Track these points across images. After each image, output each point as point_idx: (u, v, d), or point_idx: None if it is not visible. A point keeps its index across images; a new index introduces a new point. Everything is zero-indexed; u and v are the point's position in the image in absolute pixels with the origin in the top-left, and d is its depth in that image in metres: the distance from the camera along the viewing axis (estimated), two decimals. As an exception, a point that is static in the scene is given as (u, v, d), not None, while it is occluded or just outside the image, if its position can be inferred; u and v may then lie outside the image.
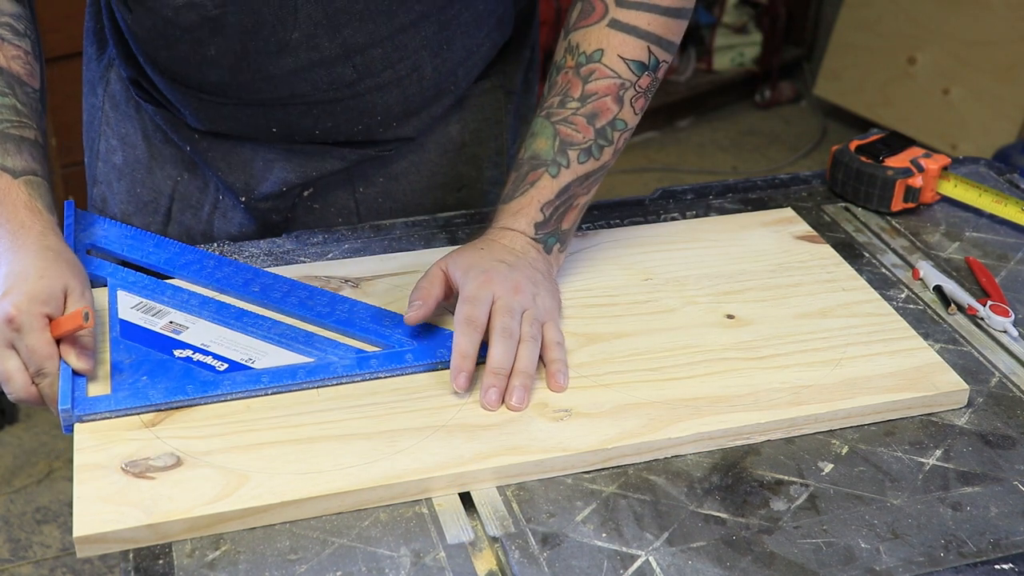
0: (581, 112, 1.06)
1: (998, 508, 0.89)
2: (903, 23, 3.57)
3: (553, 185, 1.06)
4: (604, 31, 1.06)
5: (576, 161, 1.06)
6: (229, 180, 1.23)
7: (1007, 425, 0.98)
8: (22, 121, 1.03)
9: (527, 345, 0.97)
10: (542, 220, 1.06)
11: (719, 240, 1.21)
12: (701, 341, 1.05)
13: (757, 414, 0.95)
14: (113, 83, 1.26)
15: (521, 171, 1.07)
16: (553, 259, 1.08)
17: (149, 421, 0.92)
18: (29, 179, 1.01)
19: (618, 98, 1.07)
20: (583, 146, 1.06)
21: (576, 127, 1.06)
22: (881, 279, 1.17)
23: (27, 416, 2.52)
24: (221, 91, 1.15)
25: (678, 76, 3.97)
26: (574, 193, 1.07)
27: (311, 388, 0.96)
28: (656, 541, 0.85)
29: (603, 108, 1.06)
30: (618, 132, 1.08)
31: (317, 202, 1.26)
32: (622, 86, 1.06)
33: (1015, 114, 3.32)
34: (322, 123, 1.17)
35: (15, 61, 1.05)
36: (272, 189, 1.22)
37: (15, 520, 2.26)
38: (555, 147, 1.06)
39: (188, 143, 1.22)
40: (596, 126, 1.06)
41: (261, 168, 1.22)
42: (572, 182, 1.06)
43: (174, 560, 0.82)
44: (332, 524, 0.86)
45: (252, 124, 1.18)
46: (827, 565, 0.83)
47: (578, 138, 1.06)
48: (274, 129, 1.18)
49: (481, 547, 0.84)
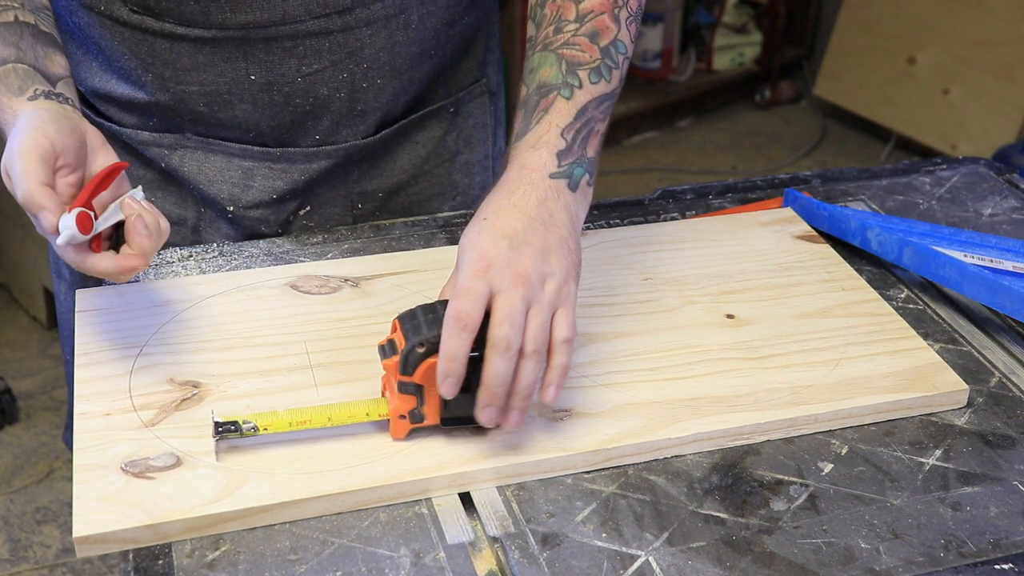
0: (581, 32, 0.98)
1: (998, 508, 0.89)
2: (903, 23, 3.57)
3: (569, 107, 0.95)
4: None
5: (588, 81, 0.97)
6: (211, 192, 1.17)
7: (1007, 425, 0.98)
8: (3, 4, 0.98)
9: (529, 362, 0.85)
10: (564, 147, 0.94)
11: (719, 240, 1.21)
12: (701, 341, 1.05)
13: (757, 414, 0.95)
14: None
15: (530, 104, 0.97)
16: (580, 195, 0.94)
17: (149, 421, 0.92)
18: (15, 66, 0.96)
19: (615, 16, 0.99)
20: (592, 65, 0.97)
21: (580, 47, 0.97)
22: (881, 279, 1.17)
23: (27, 416, 2.52)
24: (203, 15, 1.06)
25: (678, 76, 3.97)
26: (592, 116, 0.96)
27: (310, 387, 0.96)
28: (656, 541, 0.85)
29: (603, 26, 0.99)
30: (621, 55, 0.99)
31: (312, 220, 1.22)
32: (615, 3, 1.00)
33: (1015, 114, 3.32)
34: (307, 66, 1.10)
35: None
36: (261, 197, 1.18)
37: (15, 520, 2.26)
38: (563, 70, 0.97)
39: (159, 159, 1.17)
40: (600, 45, 0.98)
41: (241, 176, 1.17)
42: (588, 103, 0.96)
43: (174, 560, 0.82)
44: (332, 524, 0.86)
45: (227, 73, 1.10)
46: (827, 565, 0.83)
47: (585, 58, 0.97)
48: (252, 76, 1.10)
49: (481, 547, 0.84)
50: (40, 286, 2.74)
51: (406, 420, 0.90)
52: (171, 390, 0.95)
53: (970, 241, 1.19)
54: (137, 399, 0.94)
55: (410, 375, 0.88)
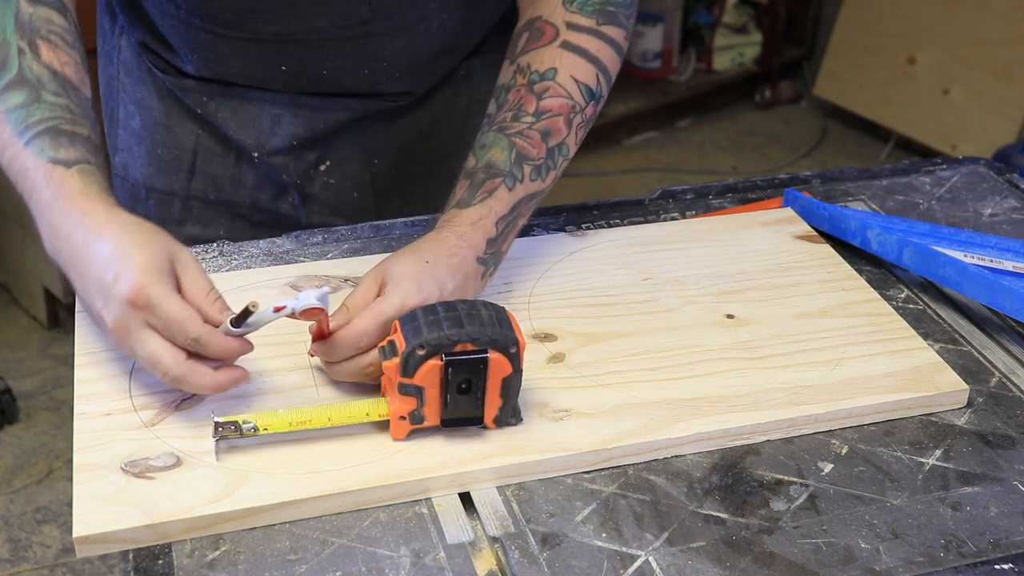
0: (536, 127, 1.04)
1: (998, 508, 0.89)
2: (903, 23, 3.57)
3: (509, 198, 1.02)
4: (557, 51, 1.07)
5: (528, 178, 1.03)
6: (240, 137, 1.24)
7: (1007, 425, 0.98)
8: (75, 119, 1.00)
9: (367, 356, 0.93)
10: (494, 236, 1.01)
11: (719, 240, 1.21)
12: (701, 341, 1.05)
13: (757, 414, 0.95)
14: (124, 50, 1.28)
15: (476, 179, 1.03)
16: (482, 284, 1.03)
17: (149, 421, 0.92)
18: (82, 167, 0.96)
19: (568, 120, 1.06)
20: (536, 163, 1.04)
21: (531, 142, 1.04)
22: (881, 279, 1.17)
23: (27, 416, 2.52)
24: (238, 23, 1.15)
25: (678, 76, 3.97)
26: (520, 212, 1.04)
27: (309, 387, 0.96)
28: (656, 541, 0.85)
29: (556, 127, 1.05)
30: (562, 157, 1.06)
31: (333, 176, 1.27)
32: (573, 109, 1.06)
33: (1015, 114, 3.32)
34: (331, 62, 1.17)
35: (68, 67, 1.03)
36: (282, 143, 1.24)
37: (15, 520, 2.26)
38: (511, 159, 1.03)
39: (197, 105, 1.24)
40: (548, 144, 1.04)
41: (269, 123, 1.23)
42: (522, 199, 1.03)
43: (174, 560, 0.82)
44: (332, 524, 0.86)
45: (262, 63, 1.18)
46: (827, 565, 0.83)
47: (533, 153, 1.04)
48: (283, 67, 1.18)
49: (481, 547, 0.84)
50: (40, 286, 2.74)
51: (406, 421, 0.90)
52: (171, 390, 0.95)
53: (970, 241, 1.19)
54: (137, 399, 0.94)
55: (410, 377, 0.88)
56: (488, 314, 0.89)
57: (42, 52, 1.01)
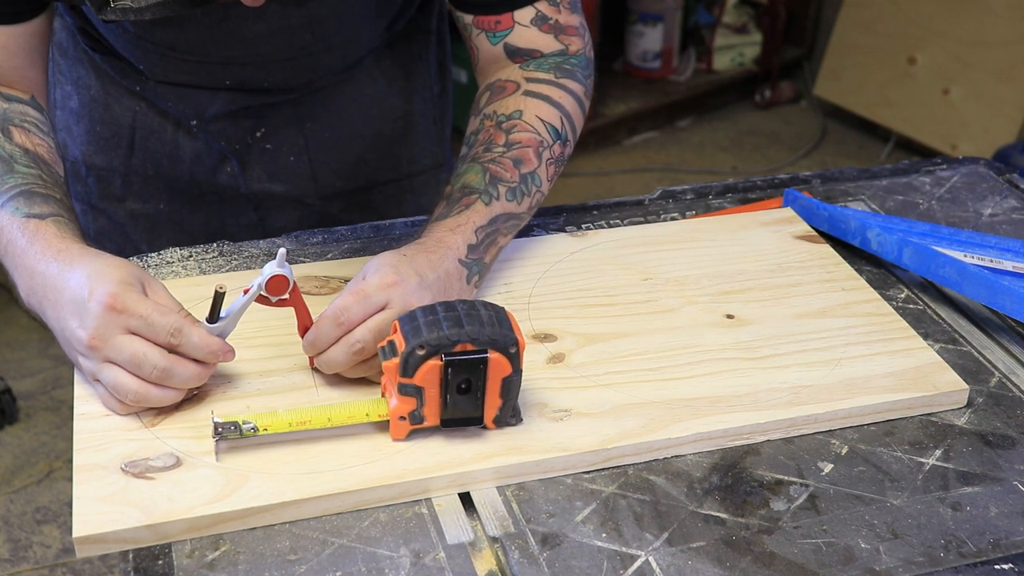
0: (508, 156, 1.09)
1: (998, 508, 0.89)
2: (903, 23, 3.57)
3: (487, 212, 1.05)
4: (520, 98, 1.13)
5: (505, 197, 1.07)
6: (178, 109, 1.27)
7: (1007, 425, 0.98)
8: (47, 185, 1.04)
9: (342, 345, 0.94)
10: (475, 243, 1.04)
11: (719, 240, 1.21)
12: (701, 341, 1.05)
13: (756, 414, 0.95)
14: (58, 32, 1.30)
15: (453, 197, 1.07)
16: (469, 289, 1.04)
17: (149, 421, 0.92)
18: (56, 219, 1.00)
19: (538, 153, 1.10)
20: (511, 185, 1.08)
21: (504, 167, 1.08)
22: (881, 279, 1.17)
23: (27, 416, 2.52)
24: (189, 49, 1.19)
25: (678, 76, 3.97)
26: (499, 228, 1.07)
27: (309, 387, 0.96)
28: (656, 541, 0.85)
29: (526, 157, 1.09)
30: (535, 187, 1.10)
31: (269, 142, 1.30)
32: (541, 143, 1.11)
33: (1015, 114, 3.32)
34: (273, 76, 1.24)
35: (40, 148, 1.08)
36: (220, 111, 1.26)
37: (15, 520, 2.26)
38: (486, 180, 1.07)
39: (137, 84, 1.27)
40: (521, 171, 1.09)
41: (208, 97, 1.26)
42: (500, 215, 1.06)
43: (174, 560, 0.82)
44: (332, 524, 0.86)
45: (207, 78, 1.23)
46: (827, 565, 0.83)
47: (507, 176, 1.08)
48: (227, 82, 1.23)
49: (481, 547, 0.84)
50: (40, 286, 2.74)
51: (406, 421, 0.90)
52: (171, 390, 0.95)
53: (970, 241, 1.19)
54: (137, 399, 0.94)
55: (410, 377, 0.88)
56: (488, 314, 0.89)
57: (14, 135, 1.07)
